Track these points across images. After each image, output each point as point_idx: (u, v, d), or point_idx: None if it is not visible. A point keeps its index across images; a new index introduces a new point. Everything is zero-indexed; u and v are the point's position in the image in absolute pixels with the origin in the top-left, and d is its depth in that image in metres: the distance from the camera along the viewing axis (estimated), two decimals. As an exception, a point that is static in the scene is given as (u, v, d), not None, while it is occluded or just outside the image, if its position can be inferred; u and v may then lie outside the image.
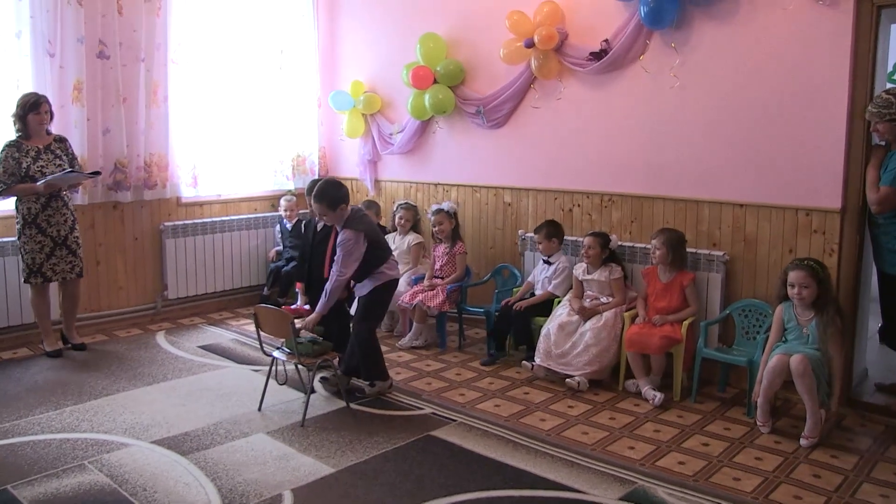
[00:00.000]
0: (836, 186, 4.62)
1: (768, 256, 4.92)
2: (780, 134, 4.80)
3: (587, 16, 5.65)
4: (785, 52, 4.74)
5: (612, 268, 5.30)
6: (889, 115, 4.31)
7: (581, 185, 5.86)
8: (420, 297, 5.91)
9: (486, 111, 6.32)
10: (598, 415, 4.66)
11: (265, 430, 4.39)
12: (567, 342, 5.15)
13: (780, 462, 4.00)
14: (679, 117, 5.24)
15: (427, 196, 6.98)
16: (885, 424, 4.52)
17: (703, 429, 4.45)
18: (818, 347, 4.28)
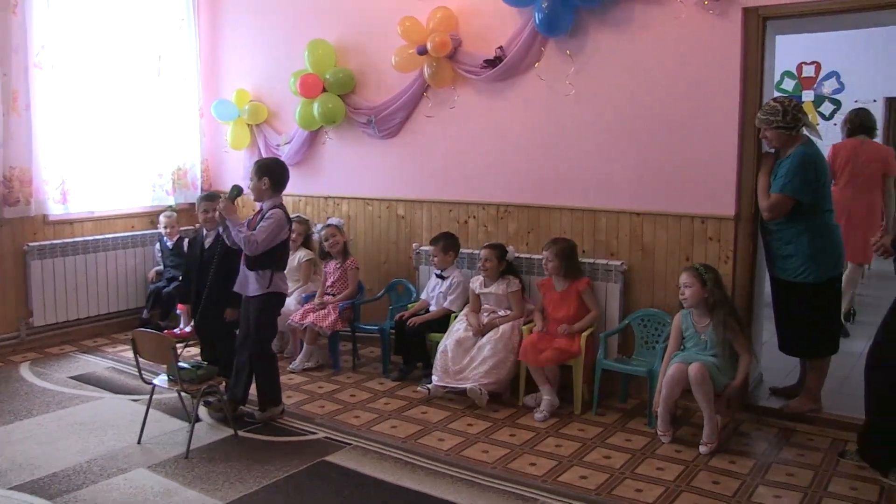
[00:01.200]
0: (730, 194, 4.66)
1: (666, 265, 4.92)
2: (674, 142, 4.81)
3: (481, 22, 5.56)
4: (678, 61, 4.77)
5: (509, 280, 5.18)
6: (776, 123, 4.39)
7: (477, 196, 5.74)
8: (311, 317, 5.64)
9: (378, 121, 6.13)
10: (499, 432, 4.52)
11: (146, 464, 4.04)
12: (465, 358, 5.01)
13: (681, 471, 3.99)
14: (575, 125, 5.20)
15: (317, 210, 6.72)
16: (780, 427, 4.59)
17: (605, 441, 4.38)
18: (716, 353, 4.29)
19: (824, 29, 7.11)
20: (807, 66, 9.74)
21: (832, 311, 4.65)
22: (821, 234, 4.49)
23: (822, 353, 4.66)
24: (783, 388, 5.00)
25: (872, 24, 5.75)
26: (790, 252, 4.51)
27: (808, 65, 9.73)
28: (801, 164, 4.39)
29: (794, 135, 4.44)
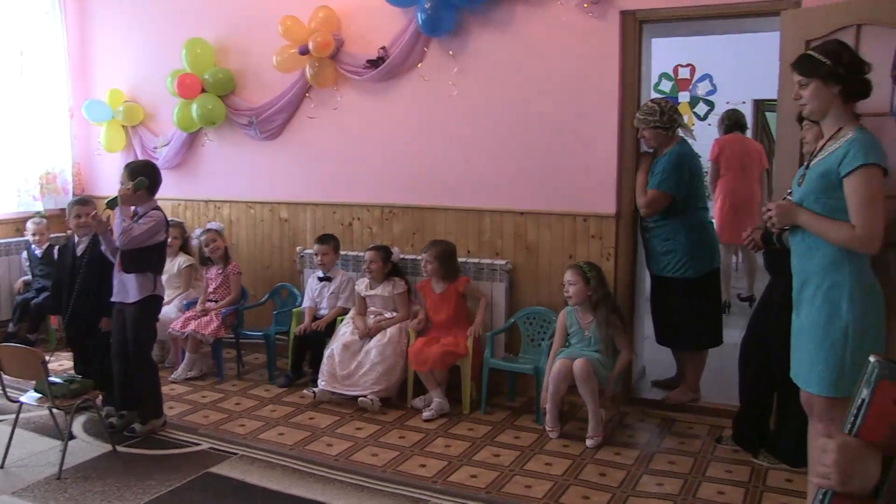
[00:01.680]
0: (611, 192, 4.77)
1: (550, 263, 4.99)
2: (557, 141, 4.89)
3: (364, 22, 5.50)
4: (559, 62, 4.85)
5: (395, 282, 5.15)
6: (654, 123, 4.53)
7: (361, 198, 5.68)
8: (193, 325, 5.44)
9: (260, 122, 5.98)
10: (388, 435, 4.48)
11: (11, 490, 3.78)
12: (352, 362, 4.93)
13: (569, 465, 4.05)
14: (459, 126, 5.22)
15: (197, 214, 6.51)
16: (662, 418, 4.74)
17: (494, 440, 4.41)
18: (599, 349, 4.38)
19: (697, 33, 7.40)
20: (682, 68, 10.09)
21: (712, 304, 4.83)
22: (697, 230, 4.67)
23: (705, 346, 4.85)
24: (664, 381, 5.16)
25: (739, 30, 6.01)
26: (669, 248, 4.66)
27: (683, 67, 10.08)
28: (677, 162, 4.55)
29: (671, 135, 4.61)
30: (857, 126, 2.88)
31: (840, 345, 2.86)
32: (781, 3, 4.25)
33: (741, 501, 3.67)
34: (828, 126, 2.95)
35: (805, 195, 2.93)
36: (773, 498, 3.70)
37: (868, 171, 2.76)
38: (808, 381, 2.98)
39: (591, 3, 4.69)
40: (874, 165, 2.77)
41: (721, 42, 8.73)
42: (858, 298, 2.86)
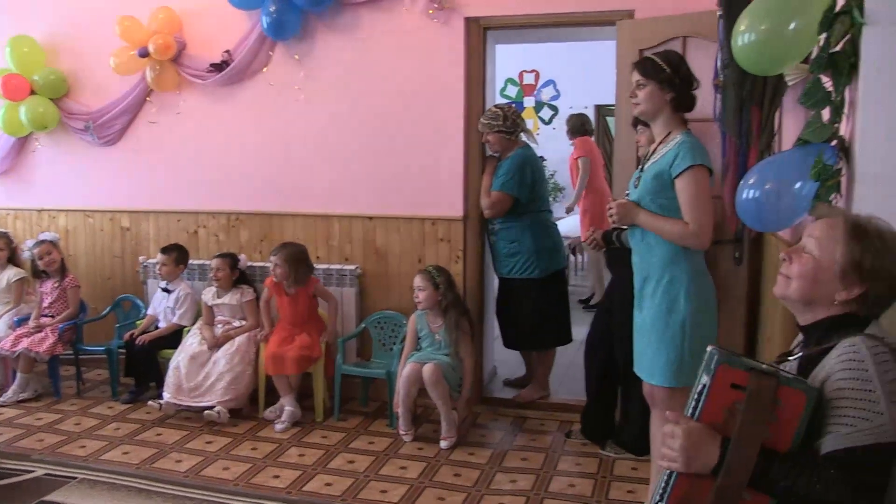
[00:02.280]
0: (458, 196, 4.84)
1: (399, 267, 5.01)
2: (404, 146, 4.92)
3: (207, 25, 5.33)
4: (406, 67, 4.88)
5: (243, 290, 5.03)
6: (498, 127, 4.65)
7: (206, 205, 5.51)
8: (25, 343, 5.10)
9: (96, 127, 5.68)
10: (239, 447, 4.37)
11: None
12: (200, 373, 4.77)
13: (423, 468, 4.08)
14: (307, 131, 5.15)
15: (29, 224, 6.11)
16: (514, 416, 4.85)
17: (349, 446, 4.38)
18: (449, 353, 4.44)
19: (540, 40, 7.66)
20: (527, 74, 10.40)
21: (557, 303, 4.98)
22: (541, 231, 4.82)
23: (551, 345, 5.00)
24: (515, 379, 5.29)
25: (580, 38, 6.25)
26: (514, 250, 4.79)
27: (528, 73, 10.40)
28: (520, 165, 4.69)
29: (514, 139, 4.74)
30: (684, 130, 3.07)
31: (679, 337, 3.03)
32: (617, 15, 4.45)
33: (590, 492, 3.81)
34: (658, 130, 3.13)
35: (641, 196, 3.09)
36: (620, 486, 3.87)
37: (696, 172, 2.96)
38: (652, 374, 3.14)
39: (436, 9, 4.75)
40: (701, 166, 2.97)
41: (564, 49, 9.07)
42: (694, 293, 3.04)
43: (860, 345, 1.61)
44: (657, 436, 3.32)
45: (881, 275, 1.70)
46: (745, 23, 2.41)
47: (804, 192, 2.30)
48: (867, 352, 1.59)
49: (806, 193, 2.30)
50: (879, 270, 1.69)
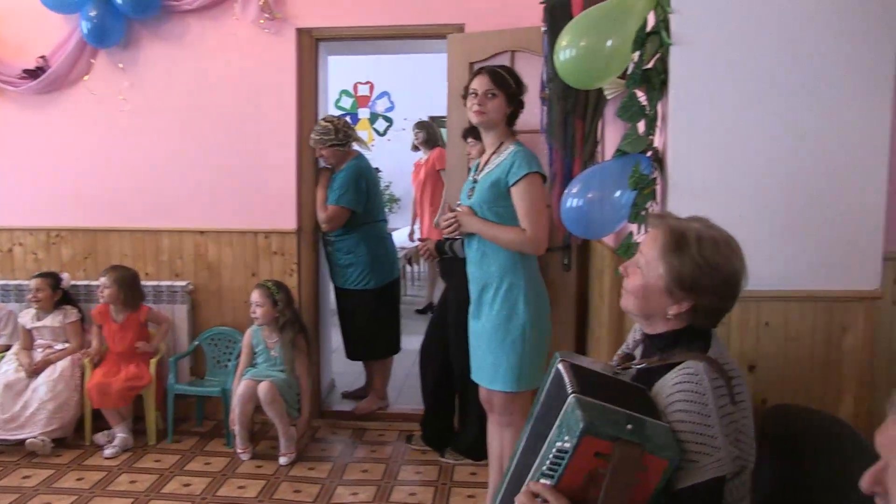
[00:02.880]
0: (291, 208, 4.77)
1: (232, 281, 4.88)
2: (235, 158, 4.79)
3: (21, 29, 4.95)
4: (238, 77, 4.76)
5: (66, 311, 4.73)
6: (331, 141, 4.63)
7: (22, 221, 5.12)
8: None
9: None
10: (64, 478, 4.09)
11: None
12: (17, 403, 4.41)
13: (263, 486, 3.99)
14: (133, 142, 4.91)
15: None
16: (353, 428, 4.83)
17: (184, 469, 4.22)
18: (285, 369, 4.38)
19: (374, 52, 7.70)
20: (362, 85, 10.42)
21: (391, 313, 5.02)
22: (377, 242, 4.84)
23: (385, 354, 5.03)
24: (354, 391, 5.28)
25: (413, 50, 6.33)
26: (350, 261, 4.78)
27: (363, 84, 10.42)
28: (355, 177, 4.69)
29: (347, 150, 4.73)
30: (516, 141, 3.17)
31: (520, 343, 3.10)
32: (447, 28, 4.53)
33: (431, 499, 3.85)
34: (491, 141, 3.20)
35: (478, 205, 3.15)
36: (460, 492, 3.93)
37: (533, 179, 3.04)
38: (494, 381, 3.18)
39: (267, 19, 4.67)
40: (537, 174, 3.06)
41: (399, 61, 9.16)
42: (532, 298, 3.13)
43: (702, 375, 1.65)
44: (494, 441, 3.40)
45: (704, 288, 1.74)
46: (566, 39, 2.52)
47: (623, 201, 2.44)
48: (708, 384, 1.64)
49: (625, 202, 2.44)
50: (701, 284, 1.73)
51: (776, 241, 2.41)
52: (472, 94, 3.11)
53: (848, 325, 2.49)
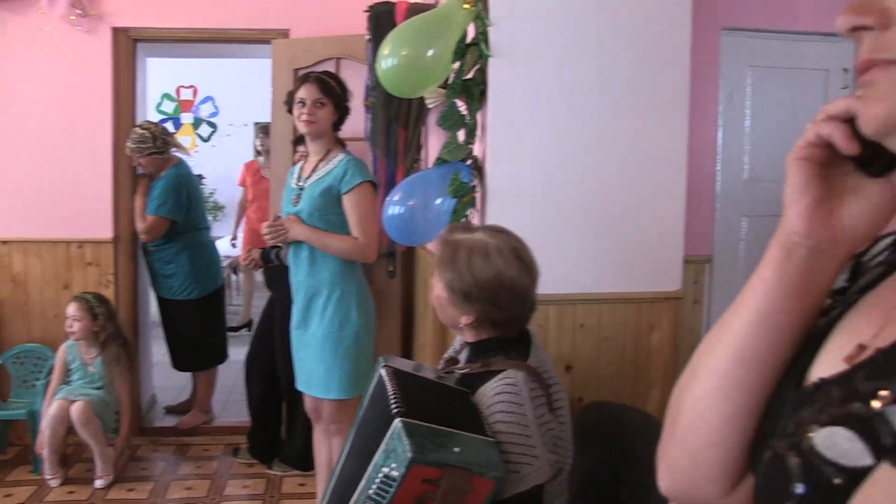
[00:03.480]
0: (107, 217, 4.52)
1: (42, 295, 4.55)
2: (46, 163, 4.46)
3: None
4: (46, 77, 4.43)
5: None
6: (149, 149, 4.44)
7: None
8: None
9: None
10: None
11: None
12: None
13: (76, 512, 3.75)
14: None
15: None
16: (176, 444, 4.64)
17: (-18, 501, 3.90)
18: (103, 386, 4.15)
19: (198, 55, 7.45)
20: (185, 89, 10.04)
21: (216, 322, 4.88)
22: (199, 250, 4.69)
23: (211, 364, 4.89)
24: (177, 405, 5.08)
25: (238, 55, 6.19)
26: (172, 271, 4.61)
27: (186, 88, 10.03)
28: (175, 186, 4.52)
29: (166, 157, 4.55)
30: (344, 149, 3.17)
31: (353, 350, 3.11)
32: (272, 33, 4.46)
33: (259, 513, 3.77)
34: (319, 148, 3.17)
35: (306, 213, 3.11)
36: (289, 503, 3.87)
37: (366, 188, 3.06)
38: (328, 389, 3.15)
39: (78, 16, 4.40)
40: (369, 183, 3.08)
41: (224, 65, 8.91)
42: (363, 305, 3.15)
43: (521, 385, 1.70)
44: (321, 449, 3.38)
45: (480, 298, 1.80)
46: (388, 48, 2.54)
47: (444, 208, 2.48)
48: (527, 394, 1.69)
49: (446, 209, 2.48)
50: (474, 294, 1.79)
51: (589, 247, 2.54)
52: (300, 102, 3.08)
53: (654, 323, 2.66)
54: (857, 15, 0.63)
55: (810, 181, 0.72)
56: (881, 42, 0.61)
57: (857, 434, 0.58)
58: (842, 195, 0.72)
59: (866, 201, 0.71)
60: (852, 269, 0.78)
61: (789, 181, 0.73)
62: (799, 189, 0.72)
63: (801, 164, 0.72)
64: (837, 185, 0.72)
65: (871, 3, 0.62)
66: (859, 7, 0.63)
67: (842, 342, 0.70)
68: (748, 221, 3.89)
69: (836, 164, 0.72)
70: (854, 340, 0.67)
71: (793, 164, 0.73)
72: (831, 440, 0.60)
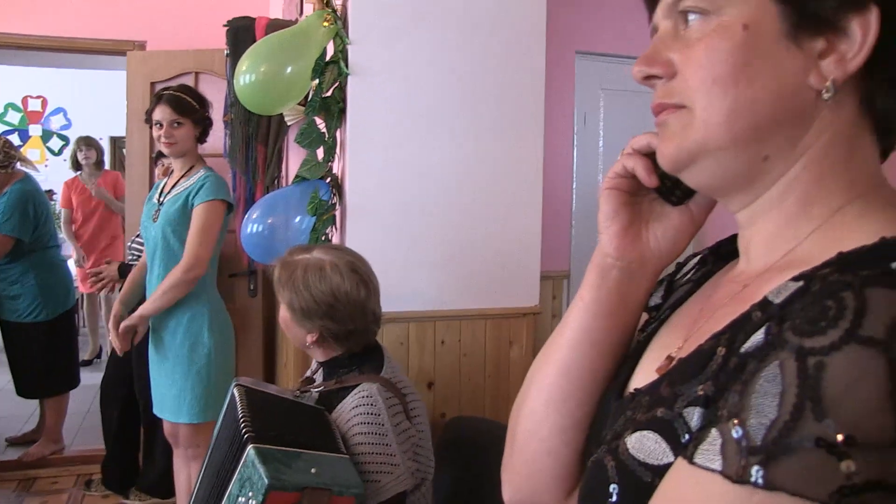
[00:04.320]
0: (-57, 234, 4.23)
1: None
2: None
3: None
4: None
5: None
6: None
7: None
8: None
9: None
10: None
11: None
12: None
13: None
14: None
15: None
16: (19, 479, 4.34)
17: None
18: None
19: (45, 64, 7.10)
20: (33, 99, 9.53)
21: (67, 345, 4.64)
22: (48, 270, 4.44)
23: (62, 390, 4.63)
24: (21, 436, 4.78)
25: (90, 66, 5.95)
26: (17, 292, 4.34)
27: (34, 99, 9.53)
28: (21, 202, 4.26)
29: (10, 172, 4.30)
30: (205, 166, 3.11)
31: (205, 372, 3.02)
32: (128, 45, 4.32)
33: (113, 547, 3.60)
34: (181, 165, 3.10)
35: (163, 228, 3.01)
36: (147, 534, 3.72)
37: (215, 205, 2.98)
38: (179, 413, 3.05)
39: None
40: (222, 201, 3.00)
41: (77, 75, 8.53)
42: (216, 326, 3.06)
43: (376, 396, 1.74)
44: (181, 475, 3.27)
45: (319, 314, 1.84)
46: (247, 64, 2.50)
47: (303, 226, 2.47)
48: (383, 404, 1.73)
49: (305, 227, 2.47)
50: (313, 311, 1.84)
51: (448, 264, 2.58)
52: (157, 124, 3.01)
53: (514, 339, 2.72)
54: (647, 66, 0.70)
55: (619, 209, 0.80)
56: (669, 89, 0.69)
57: (661, 436, 0.63)
58: (648, 220, 0.81)
59: (669, 225, 0.80)
60: (667, 287, 0.86)
61: (601, 209, 0.81)
62: (609, 216, 0.80)
63: (610, 193, 0.80)
64: (645, 211, 0.81)
65: (658, 54, 0.70)
66: (648, 59, 0.70)
67: (655, 355, 0.77)
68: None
69: (643, 193, 0.81)
70: (665, 353, 0.74)
71: (603, 194, 0.81)
72: (640, 443, 0.65)
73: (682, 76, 0.68)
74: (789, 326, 0.53)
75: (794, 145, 0.66)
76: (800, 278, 0.58)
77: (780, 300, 0.57)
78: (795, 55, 0.64)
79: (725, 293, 0.72)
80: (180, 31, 4.30)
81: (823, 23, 0.63)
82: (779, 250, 0.68)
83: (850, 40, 0.62)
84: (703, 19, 0.67)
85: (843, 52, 0.63)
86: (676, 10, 0.69)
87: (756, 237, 0.71)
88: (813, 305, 0.53)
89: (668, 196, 0.79)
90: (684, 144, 0.68)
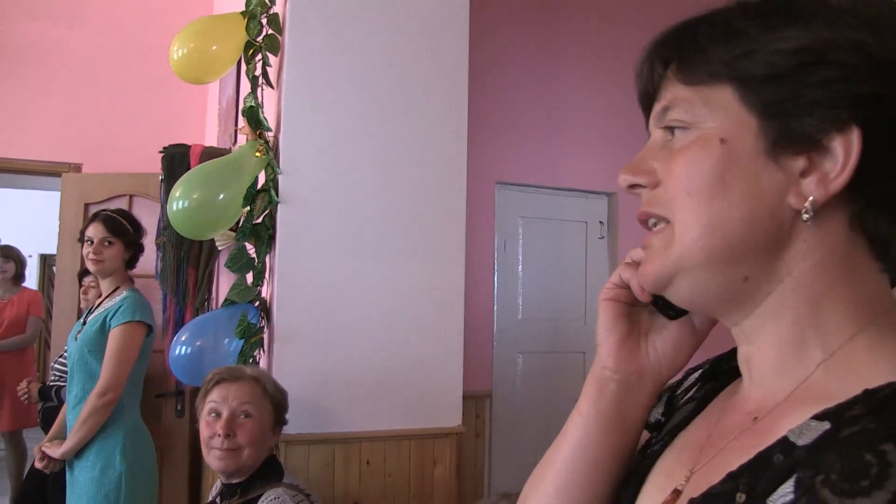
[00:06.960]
0: None
1: None
2: None
3: None
4: None
5: None
6: None
7: None
8: None
9: None
10: None
11: None
12: None
13: None
14: None
15: None
16: None
17: None
18: None
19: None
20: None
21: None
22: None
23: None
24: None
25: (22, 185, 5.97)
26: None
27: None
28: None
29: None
30: (131, 287, 3.13)
31: (114, 496, 2.94)
32: (63, 167, 4.40)
33: None
34: (107, 285, 3.13)
35: (81, 348, 3.02)
36: None
37: (133, 328, 2.98)
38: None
39: None
40: (140, 323, 3.02)
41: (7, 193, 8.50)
42: (131, 448, 2.99)
43: (284, 496, 1.85)
44: None
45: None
46: (180, 190, 2.60)
47: (232, 349, 2.53)
48: (290, 501, 1.84)
49: (233, 350, 2.54)
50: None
51: (373, 386, 2.66)
52: (89, 241, 3.05)
53: (438, 458, 2.78)
54: (631, 175, 0.70)
55: (616, 320, 0.77)
56: (653, 197, 0.68)
57: None
58: (647, 332, 0.77)
59: (669, 338, 0.76)
60: (667, 403, 0.82)
61: (599, 320, 0.78)
62: (607, 327, 0.77)
63: (608, 304, 0.77)
64: (644, 322, 0.78)
65: (643, 163, 0.70)
66: (633, 168, 0.70)
67: (659, 483, 0.72)
68: (523, 358, 4.20)
69: (641, 304, 0.77)
70: (670, 483, 0.70)
71: (602, 305, 0.78)
72: None
73: (664, 186, 0.67)
74: (824, 482, 0.48)
75: (774, 267, 0.63)
76: (824, 417, 0.54)
77: (804, 442, 0.53)
78: (774, 173, 0.61)
79: (734, 423, 0.68)
80: (116, 154, 4.40)
81: (804, 141, 0.60)
82: (787, 378, 0.64)
83: (834, 159, 0.60)
84: (686, 131, 0.66)
85: (826, 171, 0.60)
86: (662, 123, 0.69)
87: (756, 356, 0.68)
88: (849, 459, 0.48)
89: (664, 310, 0.76)
90: (665, 262, 0.66)
